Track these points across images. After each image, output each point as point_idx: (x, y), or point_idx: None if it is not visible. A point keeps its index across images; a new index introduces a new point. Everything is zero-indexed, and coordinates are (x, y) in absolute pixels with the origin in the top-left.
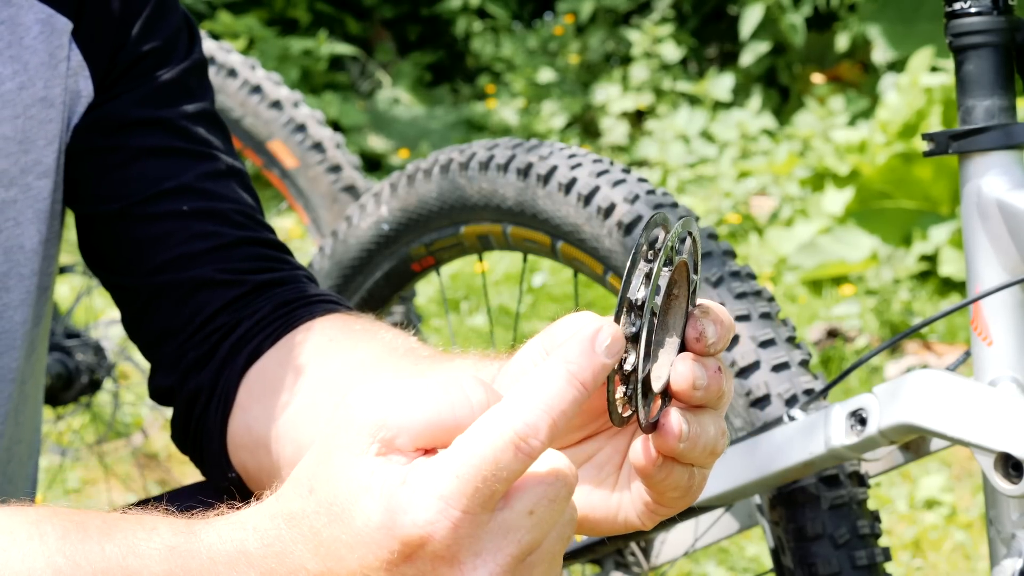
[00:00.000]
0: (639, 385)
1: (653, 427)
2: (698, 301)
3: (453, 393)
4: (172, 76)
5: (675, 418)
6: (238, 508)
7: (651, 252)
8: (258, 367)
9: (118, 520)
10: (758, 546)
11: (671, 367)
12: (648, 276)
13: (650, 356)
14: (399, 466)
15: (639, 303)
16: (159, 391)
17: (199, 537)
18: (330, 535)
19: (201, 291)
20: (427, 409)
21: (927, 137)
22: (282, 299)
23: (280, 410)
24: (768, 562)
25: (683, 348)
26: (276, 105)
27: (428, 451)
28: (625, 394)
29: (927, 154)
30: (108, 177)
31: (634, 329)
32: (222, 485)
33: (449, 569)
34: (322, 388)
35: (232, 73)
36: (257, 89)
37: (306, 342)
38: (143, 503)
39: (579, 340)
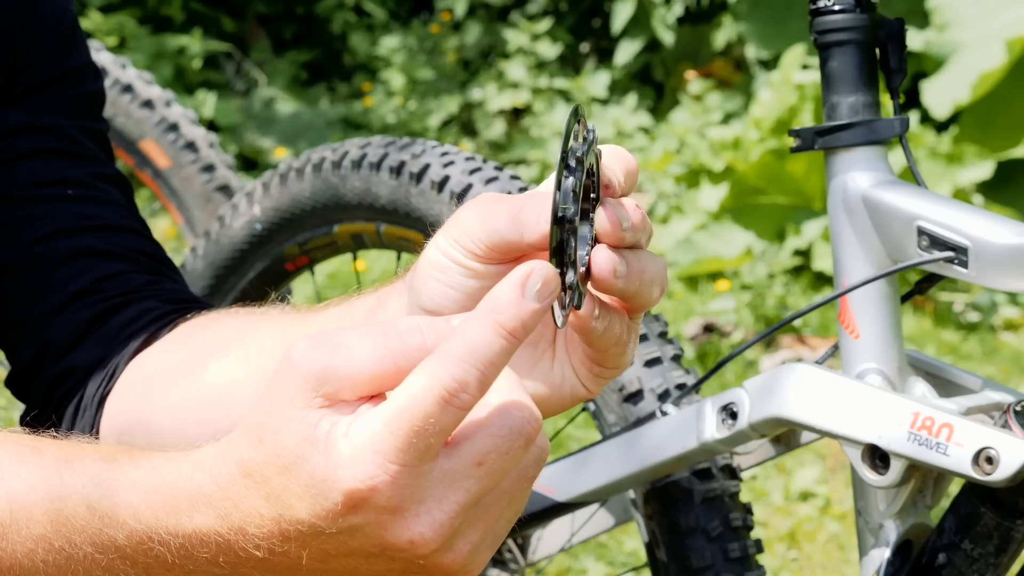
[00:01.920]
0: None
1: (587, 274)
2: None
3: (391, 339)
4: (69, 97)
5: (603, 254)
6: (197, 446)
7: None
8: (147, 353)
9: (75, 448)
10: (636, 540)
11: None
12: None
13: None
14: (343, 418)
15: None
16: (21, 370)
17: (161, 474)
18: (280, 486)
19: (81, 257)
20: (367, 358)
21: (794, 133)
22: (172, 294)
23: (163, 400)
24: (645, 556)
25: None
26: (148, 104)
27: (374, 397)
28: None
29: (794, 150)
30: None
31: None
32: None
33: (394, 518)
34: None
35: (102, 72)
36: (128, 88)
37: (197, 333)
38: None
39: (508, 287)
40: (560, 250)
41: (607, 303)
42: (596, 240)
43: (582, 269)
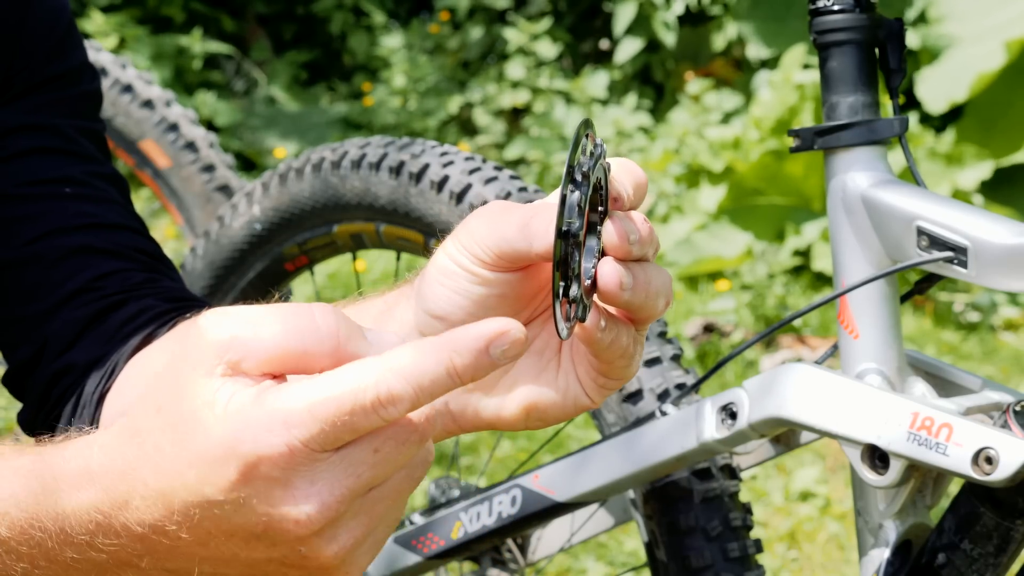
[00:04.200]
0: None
1: (592, 287)
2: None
3: (302, 319)
4: (66, 96)
5: (610, 266)
6: (88, 431)
7: (580, 175)
8: (147, 352)
9: None
10: (636, 540)
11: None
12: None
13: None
14: (246, 388)
15: (574, 231)
16: (18, 368)
17: (44, 459)
18: (172, 452)
19: (79, 255)
20: (275, 333)
21: (793, 133)
22: (171, 292)
23: None
24: (645, 556)
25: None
26: (148, 104)
27: (276, 377)
28: (566, 297)
29: (793, 150)
30: None
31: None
32: None
33: (283, 492)
34: None
35: (102, 72)
36: (128, 88)
37: None
38: None
39: (475, 336)
40: (564, 263)
41: (613, 315)
42: (603, 252)
43: (587, 282)
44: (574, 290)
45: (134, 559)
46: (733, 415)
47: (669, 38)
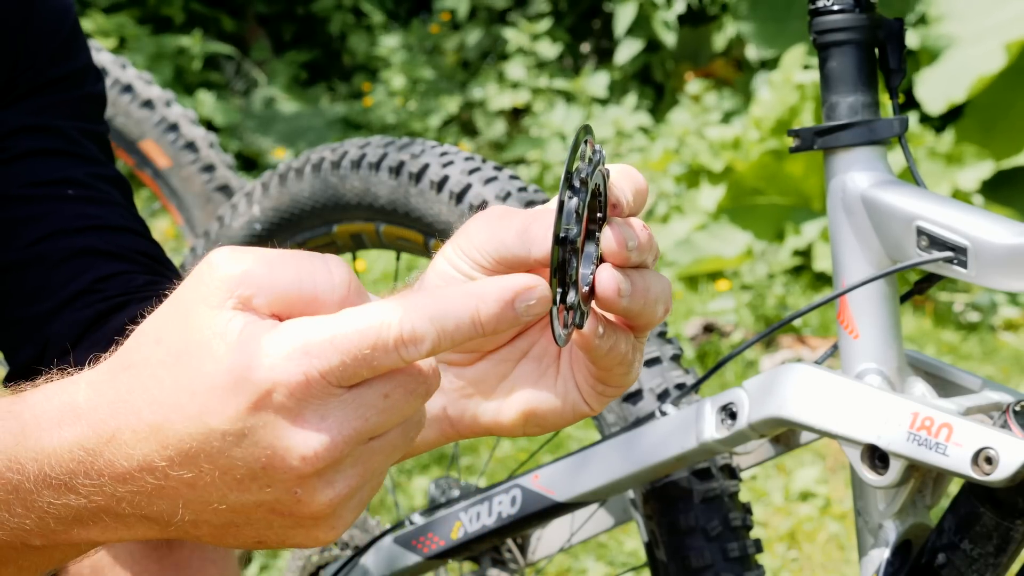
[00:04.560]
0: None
1: (590, 293)
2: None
3: (316, 265)
4: (70, 98)
5: (607, 273)
6: (71, 372)
7: (579, 179)
8: None
9: None
10: (636, 540)
11: (595, 272)
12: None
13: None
14: (259, 320)
15: (571, 237)
16: (20, 369)
17: (24, 399)
18: (173, 382)
19: (81, 257)
20: (288, 273)
21: (793, 133)
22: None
23: None
24: (645, 556)
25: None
26: (148, 104)
27: (281, 319)
28: (564, 302)
29: (793, 150)
30: None
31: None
32: None
33: (292, 424)
34: None
35: (102, 72)
36: (128, 88)
37: None
38: None
39: (502, 288)
40: (562, 269)
41: (612, 322)
42: (601, 259)
43: (585, 288)
44: (571, 296)
45: (112, 504)
46: (733, 415)
47: (669, 38)
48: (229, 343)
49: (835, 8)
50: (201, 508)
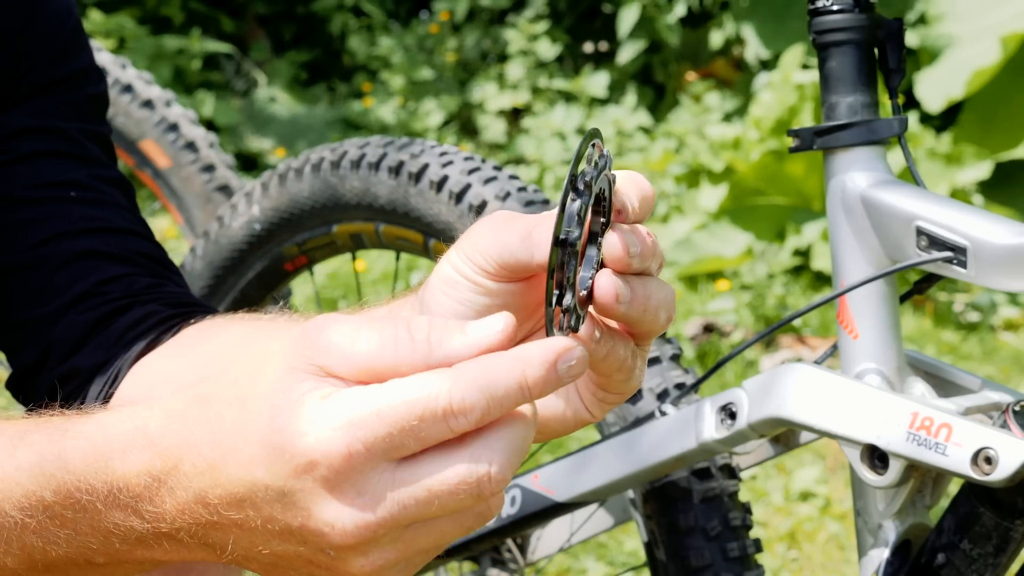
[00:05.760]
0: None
1: (589, 297)
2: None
3: (400, 333)
4: (72, 99)
5: (607, 279)
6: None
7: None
8: (151, 358)
9: (40, 420)
10: (636, 540)
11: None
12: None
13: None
14: (327, 385)
15: (572, 239)
16: (22, 372)
17: (96, 419)
18: (233, 425)
19: (84, 259)
20: (371, 343)
21: (792, 133)
22: (175, 297)
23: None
24: (645, 556)
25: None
26: (148, 104)
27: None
28: (560, 305)
29: (793, 150)
30: None
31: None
32: None
33: (328, 495)
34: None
35: None
36: (128, 88)
37: (202, 339)
38: None
39: (546, 351)
40: (559, 271)
41: (611, 328)
42: (602, 264)
43: (583, 292)
44: (568, 299)
45: (172, 532)
46: (732, 415)
47: (673, 39)
48: (289, 402)
49: (834, 8)
50: (249, 547)
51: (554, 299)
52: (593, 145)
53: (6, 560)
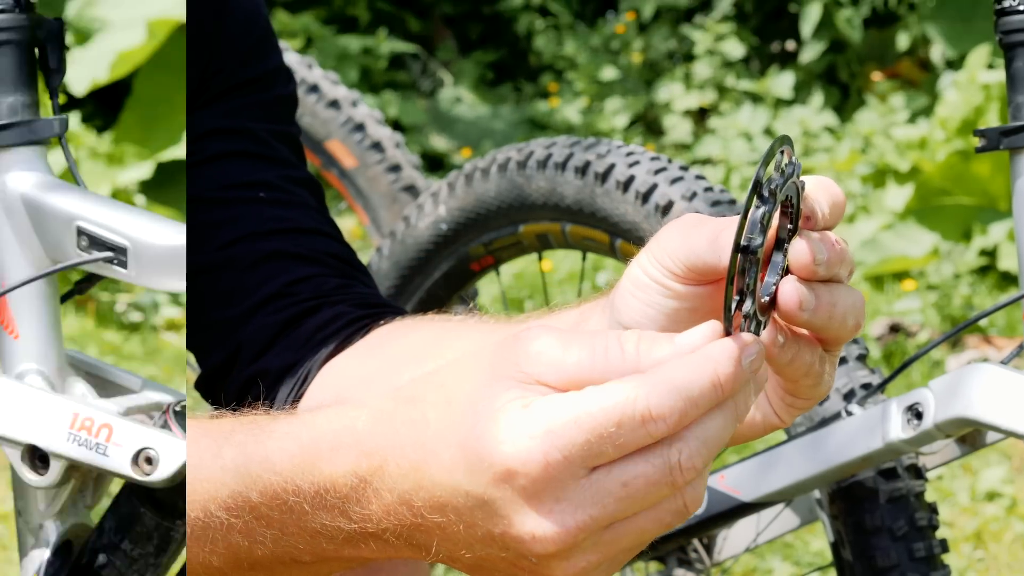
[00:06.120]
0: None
1: (772, 304)
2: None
3: (611, 343)
4: (261, 100)
5: (790, 286)
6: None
7: (768, 190)
8: (340, 359)
9: (245, 419)
10: (822, 540)
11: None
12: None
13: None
14: (532, 393)
15: (753, 247)
16: (212, 372)
17: (303, 420)
18: (437, 427)
19: (273, 260)
20: (581, 352)
21: (979, 133)
22: (365, 298)
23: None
24: (831, 556)
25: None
26: (334, 104)
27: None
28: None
29: (979, 150)
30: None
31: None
32: None
33: (527, 503)
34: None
35: None
36: (315, 88)
37: (392, 340)
38: None
39: (730, 347)
40: (739, 278)
41: (797, 333)
42: (787, 270)
43: (765, 299)
44: (747, 306)
45: (379, 532)
46: (919, 415)
47: (856, 36)
48: (491, 409)
49: (1021, 9)
50: (453, 549)
51: (733, 305)
52: (782, 152)
53: (211, 559)
